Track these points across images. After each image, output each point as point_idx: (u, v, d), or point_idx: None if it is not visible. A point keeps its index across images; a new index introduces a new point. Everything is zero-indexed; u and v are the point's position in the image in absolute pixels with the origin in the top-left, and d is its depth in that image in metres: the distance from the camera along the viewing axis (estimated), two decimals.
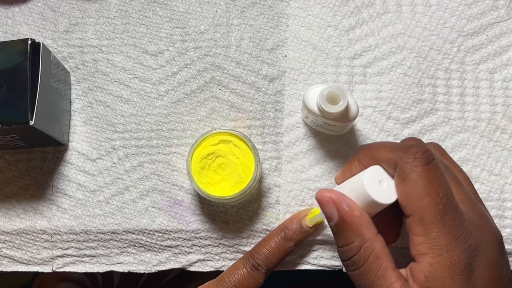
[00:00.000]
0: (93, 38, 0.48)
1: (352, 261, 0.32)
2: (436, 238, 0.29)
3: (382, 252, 0.31)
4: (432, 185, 0.30)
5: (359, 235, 0.31)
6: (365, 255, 0.31)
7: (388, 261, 0.31)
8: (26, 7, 0.49)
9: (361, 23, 0.47)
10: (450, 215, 0.30)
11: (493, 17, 0.46)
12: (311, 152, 0.45)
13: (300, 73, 0.46)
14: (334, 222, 0.32)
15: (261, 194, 0.45)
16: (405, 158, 0.31)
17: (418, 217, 0.30)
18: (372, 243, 0.31)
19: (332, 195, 0.32)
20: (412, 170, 0.30)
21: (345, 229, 0.32)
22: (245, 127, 0.46)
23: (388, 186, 0.32)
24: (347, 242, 0.32)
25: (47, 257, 0.46)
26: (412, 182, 0.30)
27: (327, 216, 0.33)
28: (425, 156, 0.31)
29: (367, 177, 0.32)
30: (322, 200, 0.33)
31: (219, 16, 0.47)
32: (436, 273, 0.29)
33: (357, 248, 0.31)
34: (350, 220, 0.31)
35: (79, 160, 0.47)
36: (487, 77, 0.45)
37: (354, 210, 0.32)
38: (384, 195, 0.31)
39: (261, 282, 0.41)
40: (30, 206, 0.47)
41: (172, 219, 0.45)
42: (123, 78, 0.47)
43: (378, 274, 0.30)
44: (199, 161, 0.41)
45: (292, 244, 0.42)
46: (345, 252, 0.32)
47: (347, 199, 0.32)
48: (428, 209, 0.29)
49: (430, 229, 0.29)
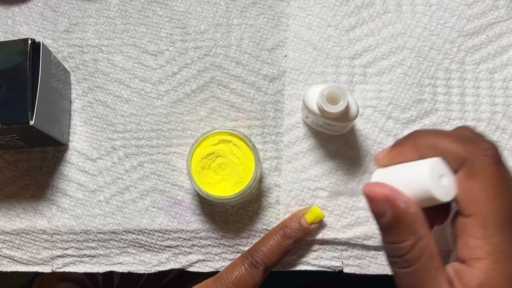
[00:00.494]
0: (93, 38, 0.48)
1: (404, 259, 0.29)
2: (497, 244, 0.27)
3: (434, 250, 0.29)
4: (501, 187, 0.28)
5: (414, 232, 0.29)
6: (419, 253, 0.29)
7: (439, 261, 0.29)
8: (26, 7, 0.49)
9: (361, 23, 0.47)
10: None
11: (493, 17, 0.46)
12: (311, 152, 0.45)
13: (300, 73, 0.46)
14: (387, 219, 0.29)
15: (261, 194, 0.45)
16: (476, 154, 0.28)
17: (480, 219, 0.28)
18: (427, 241, 0.29)
19: (386, 191, 0.29)
20: (483, 168, 0.28)
21: (398, 227, 0.29)
22: (245, 127, 0.46)
23: (448, 182, 0.29)
24: (399, 239, 0.29)
25: (47, 257, 0.46)
26: (481, 181, 0.28)
27: (377, 212, 0.30)
28: (496, 154, 0.28)
29: (430, 170, 0.29)
30: (373, 197, 0.29)
31: (219, 16, 0.47)
32: (491, 281, 0.27)
33: (411, 246, 0.29)
34: (405, 218, 0.29)
35: (79, 160, 0.47)
36: (487, 77, 0.45)
37: (410, 206, 0.29)
38: (444, 192, 0.29)
39: (259, 280, 0.41)
40: (30, 206, 0.47)
41: (172, 219, 0.45)
42: (123, 78, 0.47)
43: (431, 274, 0.29)
44: (199, 161, 0.41)
45: (291, 242, 0.42)
46: (397, 249, 0.29)
47: (402, 194, 0.29)
48: (493, 212, 0.27)
49: (492, 234, 0.27)
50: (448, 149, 0.29)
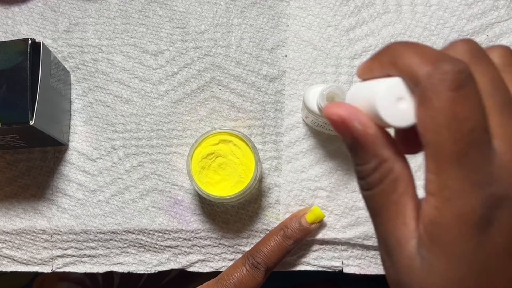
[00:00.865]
0: (93, 38, 0.48)
1: (366, 181, 0.27)
2: (448, 181, 0.24)
3: (402, 175, 0.26)
4: (456, 118, 0.24)
5: (375, 155, 0.26)
6: (381, 176, 0.26)
7: (407, 186, 0.26)
8: (26, 7, 0.49)
9: (361, 23, 0.47)
10: (472, 156, 0.24)
11: (493, 17, 0.46)
12: (311, 152, 0.45)
13: (300, 73, 0.46)
14: (348, 142, 0.27)
15: (261, 194, 0.45)
16: (431, 76, 0.25)
17: (432, 152, 0.25)
18: (391, 164, 0.26)
19: (341, 111, 0.27)
20: (436, 95, 0.24)
21: (359, 149, 0.27)
22: (245, 127, 0.46)
23: (407, 106, 0.26)
24: (361, 162, 0.27)
25: (47, 257, 0.46)
26: (432, 109, 0.24)
27: (339, 134, 0.27)
28: (457, 78, 0.24)
29: (384, 91, 0.26)
30: (331, 119, 0.27)
31: (219, 16, 0.47)
32: (441, 220, 0.25)
33: (372, 169, 0.27)
34: (364, 139, 0.26)
35: (79, 160, 0.47)
36: None
37: (368, 127, 0.26)
38: (399, 117, 0.26)
39: (260, 281, 0.41)
40: (30, 206, 0.47)
41: (172, 219, 0.45)
42: (123, 78, 0.47)
43: (393, 199, 0.26)
44: (199, 161, 0.41)
45: (292, 242, 0.42)
46: (359, 171, 0.28)
47: (360, 115, 0.27)
48: (444, 145, 0.24)
49: (443, 168, 0.24)
50: (405, 68, 0.26)
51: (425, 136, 0.25)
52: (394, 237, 0.26)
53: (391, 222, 0.26)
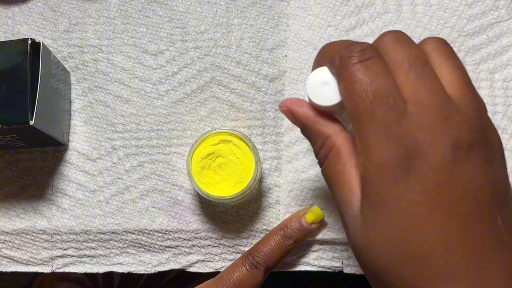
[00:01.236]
0: (93, 38, 0.48)
1: (317, 158, 0.32)
2: (363, 138, 0.27)
3: (343, 148, 0.30)
4: (361, 82, 0.27)
5: (319, 134, 0.31)
6: (326, 151, 0.31)
7: (348, 158, 0.29)
8: (26, 7, 0.49)
9: (362, 23, 0.47)
10: (380, 112, 0.27)
11: (494, 17, 0.46)
12: (311, 152, 0.45)
13: (300, 73, 0.46)
14: (300, 128, 0.33)
15: (261, 194, 0.45)
16: (342, 57, 0.28)
17: (351, 118, 0.28)
18: (332, 139, 0.30)
19: (287, 103, 0.32)
20: (345, 69, 0.28)
21: (308, 132, 0.32)
22: (245, 127, 0.46)
23: (331, 89, 0.31)
24: (312, 142, 0.32)
25: (47, 257, 0.46)
26: (344, 80, 0.28)
27: (292, 123, 0.33)
28: (361, 53, 0.28)
29: (310, 79, 0.31)
30: (282, 111, 0.33)
31: (219, 16, 0.47)
32: (367, 175, 0.27)
33: (319, 146, 0.31)
34: (307, 122, 0.32)
35: (79, 160, 0.47)
36: (488, 77, 0.45)
37: (309, 111, 0.31)
38: (325, 98, 0.31)
39: (260, 280, 0.41)
40: (30, 206, 0.47)
41: (172, 219, 0.45)
42: (123, 78, 0.47)
43: (337, 169, 0.30)
44: (199, 161, 0.41)
45: (292, 242, 0.42)
46: (314, 151, 0.32)
47: (302, 102, 0.32)
48: (354, 107, 0.28)
49: (360, 129, 0.28)
50: (327, 55, 0.31)
51: (345, 106, 0.29)
52: (343, 203, 0.29)
53: (340, 190, 0.30)
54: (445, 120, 0.27)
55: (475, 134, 0.27)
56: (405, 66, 0.28)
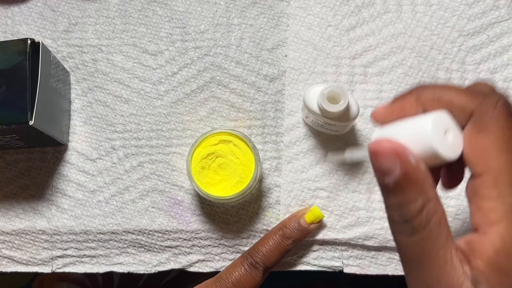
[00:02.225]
0: (93, 38, 0.48)
1: (411, 224, 0.26)
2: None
3: (444, 218, 0.26)
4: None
5: (423, 193, 0.25)
6: (428, 217, 0.25)
7: (449, 229, 0.26)
8: (26, 7, 0.49)
9: (362, 22, 0.46)
10: None
11: (494, 17, 0.46)
12: (311, 152, 0.45)
13: (300, 73, 0.46)
14: (394, 178, 0.26)
15: (261, 194, 0.45)
16: (485, 106, 0.25)
17: (493, 177, 0.25)
18: (436, 205, 0.25)
19: (395, 145, 0.26)
20: (493, 121, 0.25)
21: (407, 187, 0.26)
22: (245, 127, 0.46)
23: (454, 138, 0.27)
24: (407, 200, 0.26)
25: (47, 257, 0.46)
26: (492, 134, 0.25)
27: (383, 170, 0.26)
28: (507, 105, 0.25)
29: (433, 124, 0.26)
30: (381, 152, 0.26)
31: (219, 15, 0.47)
32: (510, 247, 0.24)
33: (419, 208, 0.25)
34: (416, 176, 0.25)
35: (79, 160, 0.47)
36: (488, 77, 0.45)
37: (420, 164, 0.26)
38: (449, 149, 0.26)
39: (259, 280, 0.40)
40: (29, 206, 0.47)
41: (172, 219, 0.45)
42: (123, 78, 0.47)
43: (439, 243, 0.25)
44: (199, 161, 0.41)
45: (290, 242, 0.42)
46: (404, 213, 0.26)
47: (411, 151, 0.26)
48: (508, 168, 0.24)
49: (507, 192, 0.24)
50: (454, 102, 0.27)
51: (483, 163, 0.25)
52: (446, 284, 0.25)
53: (441, 268, 0.25)
54: None
55: None
56: None
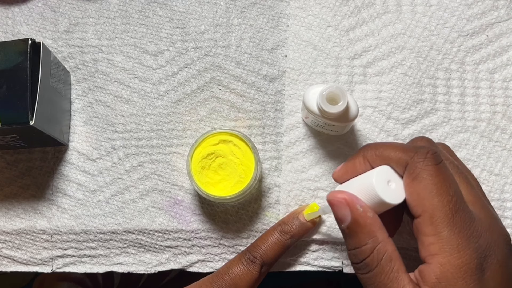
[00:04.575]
0: (93, 38, 0.48)
1: (364, 263, 0.31)
2: (447, 238, 0.29)
3: (394, 255, 0.31)
4: (442, 184, 0.30)
5: (372, 236, 0.31)
6: (378, 257, 0.30)
7: (400, 264, 0.31)
8: (26, 7, 0.49)
9: (361, 23, 0.47)
10: (460, 214, 0.29)
11: (493, 17, 0.46)
12: (311, 152, 0.45)
13: (300, 73, 0.46)
14: (347, 224, 0.32)
15: (261, 194, 0.45)
16: (416, 158, 0.31)
17: (428, 217, 0.30)
18: (385, 245, 0.31)
19: (345, 196, 0.32)
20: (423, 170, 0.30)
21: (358, 231, 0.31)
22: (245, 127, 0.46)
23: (396, 186, 0.32)
24: (359, 244, 0.31)
25: (47, 257, 0.46)
26: (423, 181, 0.30)
27: (338, 218, 0.32)
28: (435, 156, 0.31)
29: (376, 177, 0.31)
30: (335, 202, 0.32)
31: (219, 16, 0.48)
32: (448, 274, 0.29)
33: (370, 250, 0.31)
34: (364, 221, 0.31)
35: (79, 160, 0.47)
36: (487, 77, 0.45)
37: (367, 211, 0.31)
38: (392, 195, 0.31)
39: (256, 274, 0.40)
40: (30, 206, 0.47)
41: (172, 219, 0.45)
42: (123, 78, 0.47)
43: (391, 276, 0.30)
44: (199, 161, 0.41)
45: (289, 237, 0.41)
46: (357, 254, 0.31)
47: (360, 200, 0.32)
48: (439, 207, 0.29)
49: (441, 228, 0.29)
50: (392, 156, 0.32)
51: (419, 206, 0.30)
52: None
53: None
54: (497, 222, 0.31)
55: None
56: (458, 173, 0.32)
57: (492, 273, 0.29)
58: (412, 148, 0.32)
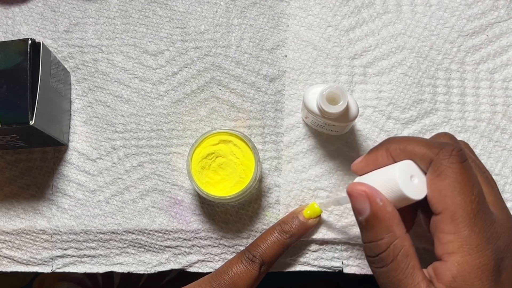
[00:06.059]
0: (93, 38, 0.48)
1: (380, 257, 0.31)
2: (467, 237, 0.29)
3: (411, 251, 0.30)
4: (467, 183, 0.29)
5: (390, 231, 0.30)
6: (394, 252, 0.30)
7: (415, 260, 0.30)
8: (26, 7, 0.49)
9: (361, 23, 0.47)
10: (481, 215, 0.29)
11: (493, 17, 0.46)
12: (311, 152, 0.45)
13: (300, 73, 0.46)
14: (365, 216, 0.31)
15: (261, 194, 0.45)
16: (441, 154, 0.30)
17: (450, 215, 0.29)
18: (402, 241, 0.30)
19: (366, 188, 0.31)
20: (448, 167, 0.30)
21: (375, 225, 0.31)
22: (245, 127, 0.46)
23: (419, 182, 0.31)
24: (376, 238, 0.31)
25: (47, 257, 0.46)
26: (447, 178, 0.30)
27: (357, 209, 0.32)
28: (460, 154, 0.30)
29: (400, 171, 0.31)
30: (355, 193, 0.32)
31: (219, 16, 0.48)
32: (465, 273, 0.29)
33: (386, 244, 0.30)
34: (383, 215, 0.31)
35: (79, 160, 0.47)
36: (487, 77, 0.45)
37: (387, 205, 0.31)
38: (415, 191, 0.31)
39: (255, 273, 0.40)
40: (30, 206, 0.47)
41: (172, 219, 0.45)
42: (123, 78, 0.47)
43: (406, 272, 0.30)
44: (199, 161, 0.41)
45: (288, 236, 0.41)
46: (373, 248, 0.31)
47: (380, 194, 0.31)
48: (461, 206, 0.29)
49: (462, 227, 0.29)
50: (416, 151, 0.32)
51: (441, 203, 0.30)
52: None
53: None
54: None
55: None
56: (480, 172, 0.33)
57: (508, 274, 0.29)
58: (437, 144, 0.31)
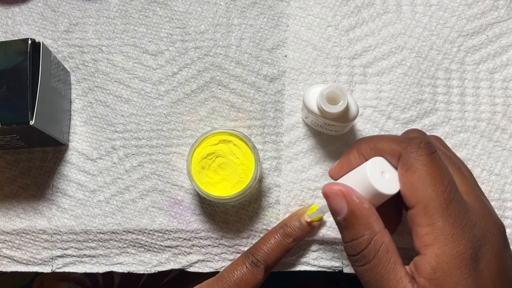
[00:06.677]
0: (93, 38, 0.48)
1: (361, 255, 0.31)
2: (441, 228, 0.29)
3: (391, 246, 0.30)
4: (437, 174, 0.29)
5: (369, 228, 0.30)
6: (375, 248, 0.30)
7: (396, 256, 0.30)
8: (26, 7, 0.49)
9: (361, 23, 0.47)
10: (455, 204, 0.29)
11: (493, 17, 0.46)
12: (311, 152, 0.45)
13: (300, 73, 0.46)
14: (343, 215, 0.31)
15: (261, 194, 0.45)
16: (409, 148, 0.30)
17: (422, 207, 0.29)
18: (382, 236, 0.30)
19: (341, 188, 0.31)
20: (417, 160, 0.30)
21: (354, 223, 0.31)
22: (245, 127, 0.46)
23: (390, 177, 0.31)
24: (356, 235, 0.31)
25: (47, 257, 0.46)
26: (417, 171, 0.30)
27: (334, 209, 0.32)
28: (428, 146, 0.30)
29: (370, 168, 0.31)
30: (330, 193, 0.32)
31: (219, 16, 0.48)
32: (443, 264, 0.28)
33: (367, 241, 0.30)
34: (360, 212, 0.30)
35: (79, 160, 0.47)
36: (487, 77, 0.45)
37: (364, 202, 0.31)
38: (387, 186, 0.31)
39: (260, 279, 0.41)
40: (30, 206, 0.47)
41: (172, 219, 0.45)
42: (123, 78, 0.47)
43: (388, 268, 0.30)
44: (199, 161, 0.41)
45: (291, 240, 0.42)
46: (354, 246, 0.31)
47: (356, 191, 0.31)
48: (433, 198, 0.29)
49: (435, 218, 0.29)
50: (385, 148, 0.32)
51: (414, 196, 0.30)
52: None
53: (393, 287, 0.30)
54: (491, 212, 0.31)
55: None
56: (451, 162, 0.32)
57: (486, 262, 0.29)
58: (405, 139, 0.31)
